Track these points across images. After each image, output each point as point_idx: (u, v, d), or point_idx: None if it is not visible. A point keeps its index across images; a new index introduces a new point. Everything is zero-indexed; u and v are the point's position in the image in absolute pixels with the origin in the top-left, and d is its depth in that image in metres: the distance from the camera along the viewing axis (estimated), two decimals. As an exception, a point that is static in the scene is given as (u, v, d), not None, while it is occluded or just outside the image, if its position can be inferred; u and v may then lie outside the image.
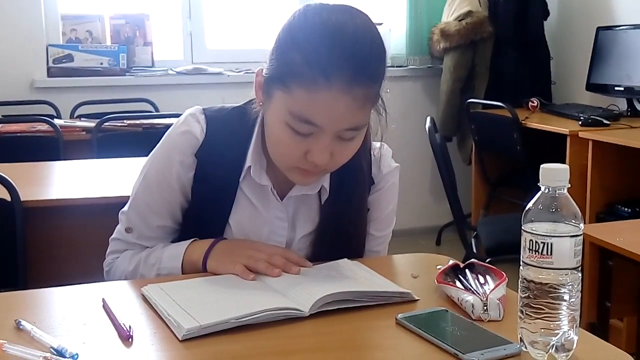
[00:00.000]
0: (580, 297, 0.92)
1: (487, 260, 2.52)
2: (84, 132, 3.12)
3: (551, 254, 0.90)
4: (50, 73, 3.85)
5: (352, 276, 1.19)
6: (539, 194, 0.92)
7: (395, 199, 1.41)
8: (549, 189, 0.92)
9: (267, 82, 1.19)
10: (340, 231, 1.33)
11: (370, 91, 1.15)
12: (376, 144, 1.37)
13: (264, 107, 1.23)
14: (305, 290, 1.10)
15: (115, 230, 1.38)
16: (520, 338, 0.94)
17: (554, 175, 0.91)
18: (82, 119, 3.46)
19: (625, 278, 1.82)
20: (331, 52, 1.11)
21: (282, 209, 1.33)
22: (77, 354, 0.92)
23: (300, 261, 1.24)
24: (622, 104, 3.70)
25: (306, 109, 1.13)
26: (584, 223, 0.93)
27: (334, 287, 1.10)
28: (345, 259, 1.27)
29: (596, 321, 1.84)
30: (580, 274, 0.92)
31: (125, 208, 1.36)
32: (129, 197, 1.37)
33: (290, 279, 1.17)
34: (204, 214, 1.31)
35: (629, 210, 3.09)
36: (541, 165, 0.92)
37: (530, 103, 3.89)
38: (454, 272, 1.17)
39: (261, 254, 1.22)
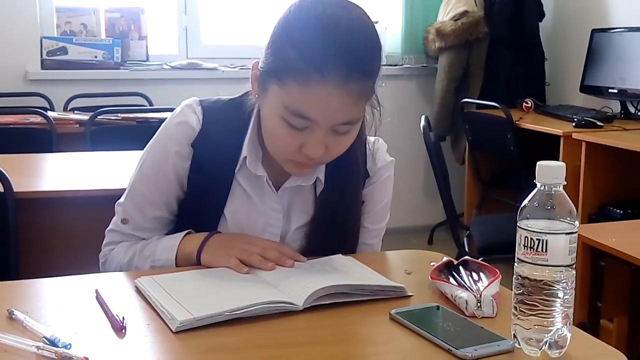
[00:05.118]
0: (574, 294, 0.93)
1: (480, 259, 2.53)
2: (77, 125, 3.10)
3: (546, 251, 0.90)
4: (44, 65, 3.83)
5: (345, 271, 1.19)
6: (534, 191, 0.93)
7: (390, 193, 1.41)
8: (544, 186, 0.92)
9: (263, 75, 1.19)
10: (334, 223, 1.33)
11: (365, 86, 1.15)
12: (371, 138, 1.37)
13: (259, 100, 1.23)
14: (299, 283, 1.10)
15: (112, 222, 1.38)
16: (514, 334, 0.94)
17: (550, 173, 0.92)
18: (76, 111, 3.44)
19: (616, 279, 1.83)
20: (325, 47, 1.11)
21: (277, 200, 1.33)
22: (69, 344, 0.92)
23: (294, 255, 1.24)
24: (615, 106, 3.71)
25: (301, 104, 1.13)
26: (577, 223, 0.94)
27: (327, 280, 1.10)
28: (340, 255, 1.27)
29: (587, 321, 1.85)
30: (574, 272, 0.92)
31: (122, 199, 1.36)
32: (122, 190, 1.37)
33: (283, 272, 1.17)
34: (199, 204, 1.31)
35: (621, 211, 3.10)
36: (537, 162, 0.92)
37: (524, 104, 3.89)
38: (448, 269, 1.17)
39: (255, 247, 1.22)
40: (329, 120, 1.15)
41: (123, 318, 1.00)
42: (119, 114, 3.14)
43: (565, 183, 0.92)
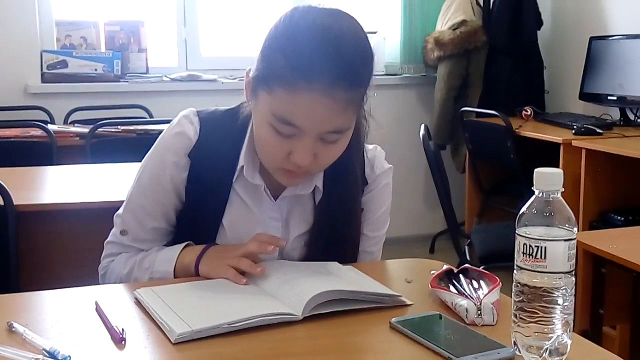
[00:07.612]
0: (573, 301, 0.92)
1: (481, 268, 2.52)
2: (77, 138, 3.11)
3: (545, 258, 0.90)
4: (45, 79, 3.85)
5: (342, 277, 1.19)
6: (532, 198, 0.93)
7: (389, 200, 1.41)
8: (542, 193, 0.92)
9: (254, 82, 1.20)
10: (334, 231, 1.33)
11: (353, 95, 1.15)
12: (369, 146, 1.37)
13: (251, 106, 1.24)
14: (294, 290, 1.10)
15: (111, 234, 1.38)
16: (514, 342, 0.94)
17: (547, 179, 0.92)
18: (76, 124, 3.45)
19: (618, 285, 1.83)
20: (312, 54, 1.11)
21: (276, 209, 1.33)
22: (69, 356, 0.92)
23: (271, 240, 1.24)
24: (614, 114, 3.72)
25: (287, 110, 1.13)
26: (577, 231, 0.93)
27: (324, 286, 1.09)
28: (336, 263, 1.27)
29: (589, 328, 1.84)
30: (573, 278, 0.92)
31: (120, 210, 1.36)
32: (122, 202, 1.37)
33: (280, 279, 1.16)
34: (197, 215, 1.31)
35: (622, 218, 3.10)
36: (535, 169, 0.92)
37: (523, 112, 3.90)
38: (448, 277, 1.17)
39: (239, 250, 1.22)
40: (315, 127, 1.15)
41: (123, 330, 1.00)
42: (119, 127, 3.14)
43: (563, 190, 0.92)
